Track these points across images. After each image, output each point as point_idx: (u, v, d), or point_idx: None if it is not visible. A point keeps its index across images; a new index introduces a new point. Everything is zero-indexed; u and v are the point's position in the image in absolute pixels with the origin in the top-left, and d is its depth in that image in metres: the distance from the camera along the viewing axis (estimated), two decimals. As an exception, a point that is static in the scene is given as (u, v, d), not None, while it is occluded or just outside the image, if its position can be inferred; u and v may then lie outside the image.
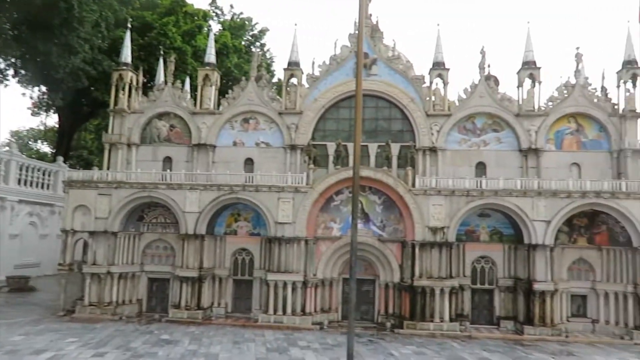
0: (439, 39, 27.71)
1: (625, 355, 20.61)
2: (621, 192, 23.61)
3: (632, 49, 26.36)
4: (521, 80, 26.96)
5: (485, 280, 25.74)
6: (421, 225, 24.41)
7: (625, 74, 26.11)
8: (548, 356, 19.92)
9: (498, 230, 25.69)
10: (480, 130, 26.95)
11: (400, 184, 24.78)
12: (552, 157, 26.34)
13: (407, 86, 27.28)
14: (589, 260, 25.07)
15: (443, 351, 20.29)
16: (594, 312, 24.94)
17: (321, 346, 20.46)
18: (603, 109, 26.23)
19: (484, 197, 24.36)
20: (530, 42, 27.24)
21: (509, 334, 23.97)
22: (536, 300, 23.73)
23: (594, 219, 25.00)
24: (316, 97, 27.65)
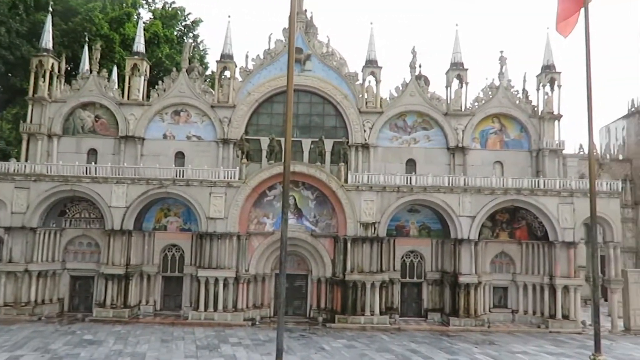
0: (372, 37, 28.17)
1: (541, 342, 21.86)
2: (539, 189, 25.01)
3: (551, 54, 27.98)
4: (449, 80, 27.95)
5: (414, 274, 26.52)
6: (353, 220, 24.75)
7: (544, 77, 27.67)
8: (471, 346, 20.77)
9: (427, 225, 26.53)
10: (410, 128, 27.69)
11: (333, 179, 25.00)
12: (477, 155, 27.51)
13: (341, 83, 27.55)
14: (509, 254, 26.42)
15: (373, 344, 20.69)
16: (514, 302, 26.32)
17: (253, 342, 20.29)
18: (524, 111, 27.68)
19: (414, 193, 25.04)
20: (458, 44, 28.26)
21: (435, 326, 24.84)
22: (461, 293, 24.72)
23: (514, 215, 26.36)
24: (250, 91, 27.34)
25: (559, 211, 24.80)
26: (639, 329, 24.22)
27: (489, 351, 19.82)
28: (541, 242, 25.75)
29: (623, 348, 20.99)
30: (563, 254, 24.90)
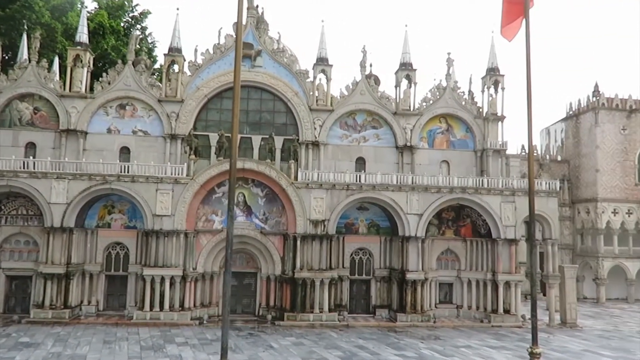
0: (323, 35, 28.21)
1: (484, 336, 22.58)
2: (483, 188, 25.79)
3: (495, 57, 28.89)
4: (399, 80, 28.38)
5: (363, 271, 26.81)
6: (303, 218, 24.73)
7: (488, 80, 28.55)
8: (417, 341, 21.20)
9: (375, 223, 26.86)
10: (360, 127, 27.94)
11: (283, 177, 24.89)
12: (425, 154, 28.07)
13: (292, 80, 27.45)
14: (455, 251, 27.14)
15: (321, 341, 20.77)
16: (459, 298, 27.06)
17: (199, 342, 19.95)
18: (469, 112, 28.46)
19: (363, 191, 25.28)
20: (407, 44, 28.72)
21: (383, 322, 25.20)
22: (408, 289, 25.18)
23: (460, 213, 27.08)
24: (199, 85, 26.80)
25: (502, 209, 25.68)
26: (574, 322, 25.43)
27: (435, 346, 20.29)
28: (484, 239, 26.58)
29: (559, 340, 21.98)
30: (505, 250, 25.80)
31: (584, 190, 38.17)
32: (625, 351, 20.02)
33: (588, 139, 38.28)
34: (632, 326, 26.16)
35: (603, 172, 37.09)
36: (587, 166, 38.18)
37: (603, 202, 36.79)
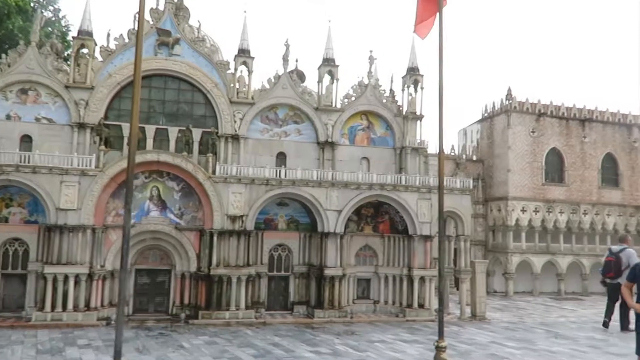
0: (246, 26, 27.54)
1: (398, 330, 22.96)
2: (401, 185, 26.25)
3: (415, 57, 29.50)
4: (321, 76, 28.28)
5: (281, 268, 26.50)
6: (220, 213, 24.03)
7: (409, 79, 29.10)
8: (333, 337, 21.17)
9: (295, 219, 26.62)
10: (282, 121, 27.57)
11: (200, 170, 24.05)
12: (345, 150, 28.17)
13: (211, 70, 26.59)
14: (373, 247, 27.46)
15: (235, 339, 20.23)
16: (376, 293, 27.41)
17: (104, 343, 18.77)
18: (390, 110, 28.88)
19: (283, 186, 24.95)
20: (330, 40, 28.67)
21: (301, 318, 25.04)
22: (326, 285, 25.17)
23: (379, 209, 27.43)
24: (111, 72, 25.30)
25: (418, 206, 26.26)
26: (483, 315, 26.49)
27: (349, 341, 20.33)
28: (402, 235, 27.10)
29: (469, 333, 22.75)
30: (420, 246, 26.43)
31: (497, 189, 40.04)
32: (527, 342, 21.01)
33: (501, 140, 40.16)
34: (536, 318, 27.66)
35: (514, 172, 39.06)
36: (499, 166, 40.06)
37: (513, 201, 38.76)
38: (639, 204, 41.50)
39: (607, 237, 40.40)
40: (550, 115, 40.30)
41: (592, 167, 40.82)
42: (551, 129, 40.21)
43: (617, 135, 41.79)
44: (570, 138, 40.53)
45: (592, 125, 41.15)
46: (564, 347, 20.03)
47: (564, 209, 39.63)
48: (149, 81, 26.07)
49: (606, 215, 40.51)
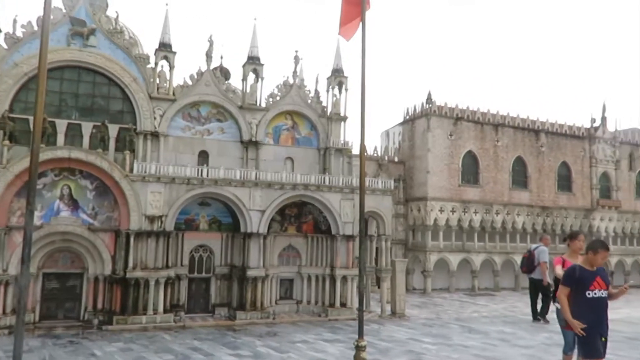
0: (167, 19, 26.58)
1: (320, 330, 23.07)
2: (325, 186, 26.41)
3: (340, 59, 29.80)
4: (245, 74, 27.87)
5: (202, 269, 25.84)
6: (137, 213, 23.03)
7: (333, 80, 29.35)
8: (255, 339, 20.90)
9: (217, 219, 26.06)
10: (204, 119, 26.88)
11: (117, 168, 22.92)
12: (270, 150, 27.94)
13: (130, 64, 25.42)
14: (296, 247, 27.44)
15: (152, 344, 19.44)
16: (299, 293, 27.41)
17: (5, 354, 17.38)
18: (314, 110, 28.98)
19: (205, 186, 24.34)
20: (256, 38, 28.32)
21: (222, 321, 24.53)
22: (249, 286, 24.84)
23: (302, 209, 27.44)
24: (17, 62, 23.51)
25: (341, 206, 26.55)
26: (402, 313, 27.21)
27: (271, 343, 20.15)
28: (325, 235, 27.28)
29: (389, 330, 23.27)
30: (343, 246, 26.74)
31: (417, 190, 41.35)
32: (443, 337, 21.81)
33: (421, 142, 41.52)
34: (451, 314, 28.79)
35: (433, 174, 40.51)
36: (419, 167, 41.41)
37: (432, 201, 40.19)
38: (545, 205, 44.42)
39: (516, 235, 42.91)
40: (467, 119, 42.18)
41: (504, 170, 43.17)
42: (467, 132, 42.10)
43: (526, 139, 44.48)
44: (485, 142, 42.64)
45: (504, 130, 43.52)
46: (476, 341, 20.96)
47: (479, 209, 41.62)
48: (61, 73, 24.50)
49: (516, 215, 43.00)
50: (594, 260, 6.61)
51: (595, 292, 6.59)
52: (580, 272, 6.65)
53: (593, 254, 6.60)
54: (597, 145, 47.02)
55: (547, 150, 45.04)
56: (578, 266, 6.79)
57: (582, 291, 6.56)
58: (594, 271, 6.66)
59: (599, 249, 6.60)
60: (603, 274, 6.75)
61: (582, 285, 6.56)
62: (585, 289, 6.56)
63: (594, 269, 6.67)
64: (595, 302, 6.58)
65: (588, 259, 6.70)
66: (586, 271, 6.65)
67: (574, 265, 6.87)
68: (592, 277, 6.61)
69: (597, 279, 6.61)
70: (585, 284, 6.56)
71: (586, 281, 6.58)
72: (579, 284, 6.58)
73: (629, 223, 47.91)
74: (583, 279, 6.59)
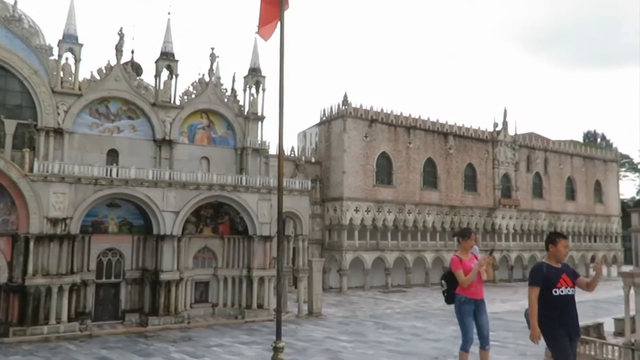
0: (73, 9, 24.94)
1: (237, 333, 22.73)
2: (242, 186, 26.06)
3: (258, 58, 29.55)
4: (159, 70, 26.85)
5: (112, 274, 24.54)
6: (38, 216, 21.42)
7: (250, 79, 29.05)
8: (168, 344, 20.19)
9: (128, 221, 24.89)
10: (114, 116, 25.55)
11: (14, 167, 21.18)
12: (184, 149, 27.11)
13: (30, 55, 23.62)
14: (212, 249, 26.84)
15: (55, 356, 18.19)
16: (215, 296, 26.82)
17: None
18: (231, 109, 28.51)
19: (114, 186, 23.15)
20: (169, 33, 27.39)
21: (133, 327, 23.45)
22: (162, 290, 23.93)
23: (219, 210, 26.90)
24: None
25: (259, 207, 26.32)
26: (319, 312, 27.47)
27: (186, 348, 19.57)
28: (242, 236, 26.90)
29: (306, 330, 23.40)
30: (260, 247, 26.52)
31: (333, 190, 41.94)
32: (359, 334, 22.29)
33: (337, 143, 42.16)
34: (366, 311, 29.51)
35: (348, 174, 41.27)
36: (336, 168, 42.03)
37: (347, 201, 40.95)
38: (453, 204, 46.74)
39: (427, 234, 44.79)
40: (381, 122, 43.40)
41: (415, 171, 44.90)
42: (382, 134, 43.33)
43: (436, 142, 46.56)
44: (398, 143, 44.11)
45: (416, 133, 45.27)
46: (390, 337, 21.62)
47: (392, 209, 42.97)
48: (-52, 62, 22.27)
49: (427, 214, 44.87)
50: (557, 253, 6.09)
51: (562, 289, 6.04)
52: (547, 269, 6.08)
53: (554, 247, 6.10)
54: (499, 148, 50.18)
55: (455, 152, 47.40)
56: (545, 264, 6.16)
57: (549, 290, 6.00)
58: (559, 268, 6.14)
59: (557, 240, 6.11)
60: (568, 270, 6.22)
61: (549, 283, 6.00)
62: (551, 287, 6.00)
63: (559, 266, 6.14)
64: (562, 301, 6.05)
65: (551, 254, 6.16)
66: (552, 268, 6.11)
67: (540, 263, 6.25)
68: (559, 275, 6.10)
69: (563, 276, 6.11)
70: (551, 282, 6.02)
71: (553, 279, 6.04)
72: (545, 282, 6.00)
73: (527, 220, 51.57)
74: (549, 277, 6.04)
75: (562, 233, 6.41)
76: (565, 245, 6.16)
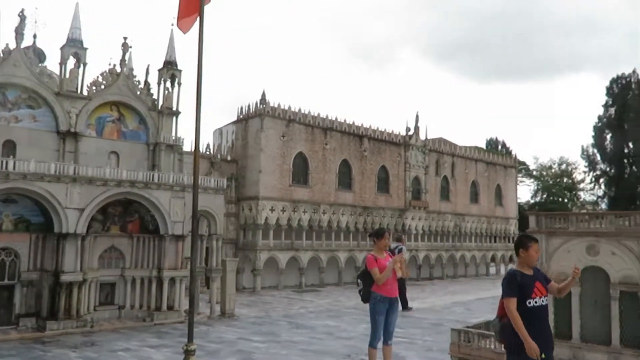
0: None
1: (145, 336, 21.80)
2: (153, 183, 25.06)
3: (174, 51, 28.57)
4: (65, 57, 25.20)
5: (5, 276, 22.63)
6: None
7: (166, 72, 28.04)
8: (69, 350, 18.95)
9: (25, 218, 23.08)
10: (12, 104, 23.62)
11: None
12: (92, 143, 25.64)
13: None
14: (120, 248, 25.57)
15: (-64, 367, 16.48)
16: (122, 298, 25.55)
17: None
18: (144, 103, 27.35)
19: (10, 180, 21.37)
20: (78, 19, 25.78)
21: (29, 333, 21.77)
22: (62, 293, 22.45)
23: (128, 208, 25.67)
24: None
25: (171, 205, 25.44)
26: (232, 312, 27.04)
27: (89, 354, 18.47)
28: (152, 235, 25.87)
29: (218, 331, 22.93)
30: (172, 246, 25.65)
31: (249, 189, 41.51)
32: (272, 334, 22.19)
33: (254, 142, 41.78)
34: (280, 311, 29.46)
35: (265, 173, 41.02)
36: (252, 167, 41.62)
37: (263, 200, 40.70)
38: (366, 205, 47.93)
39: (341, 234, 45.55)
40: (299, 122, 43.56)
41: (331, 172, 45.52)
42: (299, 134, 43.50)
43: (351, 144, 47.50)
44: (315, 144, 44.50)
45: (332, 134, 45.91)
46: (303, 337, 21.74)
47: (307, 209, 43.27)
48: None
49: (341, 215, 45.64)
50: (529, 258, 5.50)
51: (537, 300, 5.39)
52: (521, 278, 5.43)
53: (525, 252, 5.51)
54: (410, 151, 52.14)
55: (369, 154, 48.63)
56: (518, 272, 5.50)
57: (523, 300, 5.34)
58: (532, 275, 5.50)
59: (528, 243, 5.51)
60: (540, 275, 5.62)
61: (523, 293, 5.36)
62: (526, 297, 5.35)
63: (532, 273, 5.51)
64: (537, 312, 5.38)
65: (522, 260, 5.53)
66: (526, 276, 5.46)
67: (513, 271, 5.57)
68: (533, 283, 5.46)
69: (537, 285, 5.47)
70: (526, 292, 5.37)
71: (527, 289, 5.40)
72: (520, 292, 5.36)
73: (434, 222, 54.02)
74: (524, 287, 5.39)
75: (533, 236, 5.82)
76: (537, 249, 5.68)
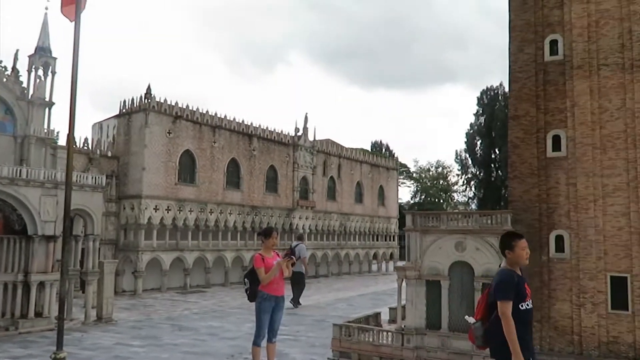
0: None
1: (8, 346, 19.96)
2: (21, 179, 23.00)
3: (48, 37, 26.44)
4: None
5: None
6: None
7: (37, 59, 25.86)
8: None
9: None
10: None
11: None
12: (-54, 133, 22.92)
13: None
14: (-21, 250, 23.14)
15: None
16: (-19, 305, 23.16)
17: None
18: (11, 91, 25.01)
19: None
20: None
21: None
22: None
23: (-10, 206, 23.31)
24: None
25: (42, 203, 23.51)
26: (109, 317, 25.62)
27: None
28: (19, 236, 23.72)
29: (93, 338, 21.62)
30: (42, 248, 23.71)
31: (131, 187, 39.55)
32: (153, 338, 21.42)
33: (138, 138, 39.89)
34: (162, 313, 28.48)
35: (149, 171, 39.34)
36: (135, 164, 39.71)
37: (147, 199, 39.01)
38: (254, 204, 47.85)
39: (228, 233, 45.02)
40: (186, 119, 42.33)
41: (219, 170, 44.81)
42: (186, 131, 42.28)
43: (240, 142, 47.14)
44: (203, 142, 43.52)
45: (221, 132, 45.21)
46: (186, 339, 21.25)
47: (194, 208, 42.20)
48: None
49: (229, 214, 45.10)
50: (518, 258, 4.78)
51: (528, 303, 4.76)
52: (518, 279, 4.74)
53: (511, 252, 4.79)
54: (299, 152, 52.95)
55: (258, 153, 48.61)
56: (514, 272, 4.80)
57: (516, 304, 4.66)
58: (523, 276, 4.87)
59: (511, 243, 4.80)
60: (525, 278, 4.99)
61: (518, 296, 4.70)
62: (519, 301, 4.69)
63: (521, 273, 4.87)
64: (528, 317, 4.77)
65: (511, 261, 4.81)
66: (521, 278, 4.80)
67: (509, 272, 4.82)
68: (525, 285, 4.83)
69: (527, 286, 4.85)
70: (521, 294, 4.72)
71: (522, 291, 4.74)
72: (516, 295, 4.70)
73: (321, 221, 55.37)
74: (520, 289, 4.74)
75: (517, 233, 5.05)
76: (524, 246, 4.87)
